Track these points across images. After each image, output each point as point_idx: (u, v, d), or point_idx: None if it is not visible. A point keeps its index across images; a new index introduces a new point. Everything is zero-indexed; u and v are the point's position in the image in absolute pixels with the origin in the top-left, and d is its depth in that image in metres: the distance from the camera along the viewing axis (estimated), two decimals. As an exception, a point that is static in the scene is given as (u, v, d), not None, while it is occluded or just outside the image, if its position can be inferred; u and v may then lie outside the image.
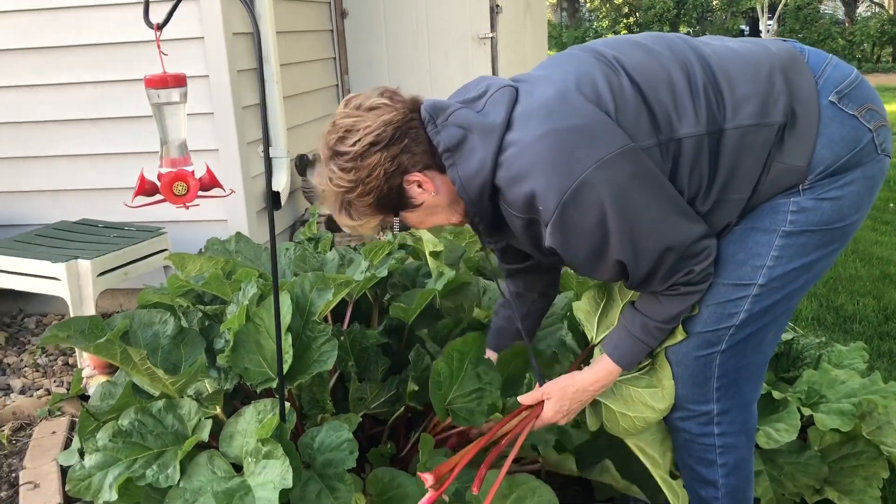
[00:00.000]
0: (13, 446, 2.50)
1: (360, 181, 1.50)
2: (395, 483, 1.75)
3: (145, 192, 1.59)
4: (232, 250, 2.50)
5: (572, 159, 1.41)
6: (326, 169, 1.53)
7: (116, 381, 2.10)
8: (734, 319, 1.59)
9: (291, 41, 4.03)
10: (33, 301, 3.61)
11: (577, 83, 1.49)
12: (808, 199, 1.53)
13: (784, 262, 1.56)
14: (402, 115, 1.50)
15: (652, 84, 1.49)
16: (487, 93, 1.53)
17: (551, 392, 1.69)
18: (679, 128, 1.47)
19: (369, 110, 1.50)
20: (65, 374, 3.05)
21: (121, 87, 3.37)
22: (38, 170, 3.55)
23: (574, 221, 1.43)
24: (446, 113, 1.51)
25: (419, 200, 1.55)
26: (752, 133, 1.48)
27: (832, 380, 2.20)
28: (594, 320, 1.80)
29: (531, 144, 1.43)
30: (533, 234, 1.53)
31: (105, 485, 1.69)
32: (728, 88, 1.49)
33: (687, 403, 1.69)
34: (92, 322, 1.91)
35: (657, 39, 1.59)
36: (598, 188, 1.40)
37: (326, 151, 1.53)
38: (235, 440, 1.74)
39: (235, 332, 1.86)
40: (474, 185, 1.49)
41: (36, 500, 2.14)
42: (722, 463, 1.74)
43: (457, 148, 1.49)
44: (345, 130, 1.50)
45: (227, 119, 3.32)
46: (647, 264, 1.48)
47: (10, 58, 3.42)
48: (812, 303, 3.82)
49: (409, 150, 1.50)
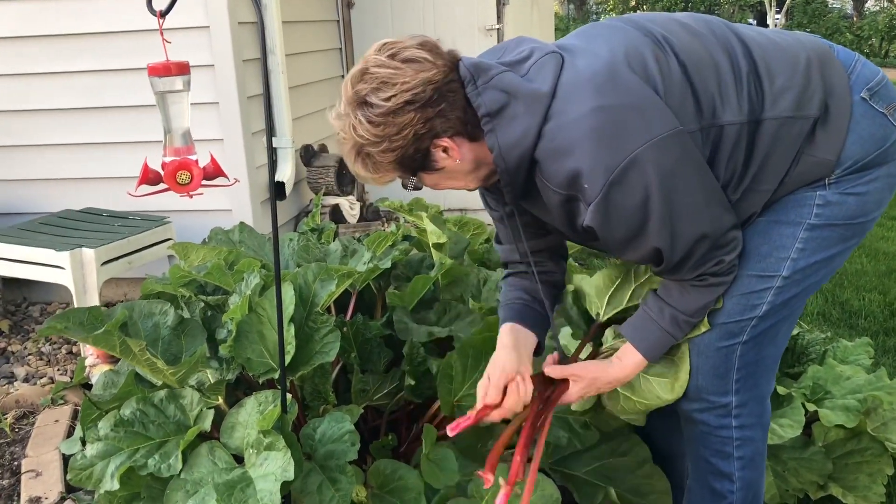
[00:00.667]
0: (16, 434, 2.50)
1: (387, 137, 1.40)
2: (396, 475, 1.75)
3: (149, 180, 1.58)
4: (236, 240, 2.49)
5: (621, 138, 1.36)
6: (350, 116, 1.42)
7: (119, 371, 2.10)
8: (757, 311, 1.59)
9: (297, 31, 4.02)
10: (37, 289, 3.61)
11: (627, 58, 1.44)
12: (834, 194, 1.53)
13: (807, 255, 1.56)
14: (442, 75, 1.41)
15: (698, 67, 1.46)
16: (532, 57, 1.46)
17: (581, 376, 1.65)
18: (722, 114, 1.45)
19: (408, 62, 1.40)
20: (68, 362, 3.05)
21: (124, 76, 3.36)
22: (42, 158, 3.54)
23: (618, 202, 1.38)
24: (489, 74, 1.42)
25: (441, 165, 1.48)
26: (788, 125, 1.48)
27: (837, 376, 2.19)
28: (604, 298, 1.79)
29: (579, 119, 1.37)
30: (569, 211, 1.47)
31: (107, 474, 1.69)
32: (768, 78, 1.48)
33: (706, 395, 1.68)
34: (91, 313, 1.90)
35: (700, 21, 1.56)
36: (645, 170, 1.36)
37: (353, 97, 1.42)
38: (237, 431, 1.73)
39: (238, 323, 1.85)
40: (514, 154, 1.43)
41: (38, 489, 2.14)
42: (739, 456, 1.73)
43: (497, 113, 1.42)
44: (380, 81, 1.39)
45: (232, 109, 3.31)
46: (681, 250, 1.46)
47: (12, 46, 3.41)
48: (817, 298, 3.80)
49: (444, 114, 1.41)
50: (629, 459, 2.00)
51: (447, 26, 4.88)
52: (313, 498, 1.64)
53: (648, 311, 1.64)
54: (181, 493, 1.63)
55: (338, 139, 1.49)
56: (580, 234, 1.53)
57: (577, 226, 1.48)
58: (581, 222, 1.45)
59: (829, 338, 2.50)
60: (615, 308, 1.77)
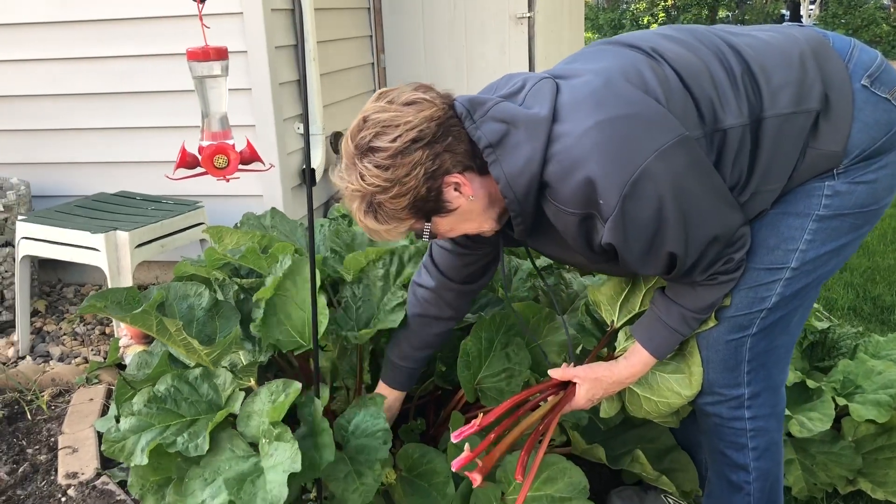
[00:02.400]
0: (52, 412, 2.56)
1: (398, 180, 1.38)
2: (425, 459, 1.77)
3: (186, 164, 1.61)
4: (267, 225, 2.52)
5: (629, 151, 1.35)
6: (356, 167, 1.40)
7: (153, 352, 2.13)
8: (766, 303, 1.59)
9: (329, 18, 4.03)
10: (72, 271, 3.68)
11: (623, 72, 1.44)
12: (842, 183, 1.52)
13: (817, 246, 1.56)
14: (442, 112, 1.41)
15: (693, 74, 1.46)
16: (525, 86, 1.46)
17: (585, 378, 1.67)
18: (724, 118, 1.45)
19: (407, 105, 1.40)
20: (102, 342, 3.11)
21: (159, 61, 3.40)
22: (78, 142, 3.60)
23: (634, 214, 1.37)
24: (485, 107, 1.43)
25: (454, 205, 1.46)
26: (790, 121, 1.47)
27: (869, 370, 2.18)
28: (616, 305, 1.80)
29: (584, 135, 1.36)
30: (587, 231, 1.45)
31: (137, 449, 1.71)
32: (763, 77, 1.47)
33: (718, 388, 1.69)
34: (129, 293, 1.94)
35: (683, 31, 1.56)
36: (656, 179, 1.35)
37: (355, 149, 1.41)
38: (252, 420, 1.74)
39: (266, 302, 1.87)
40: (521, 181, 1.41)
41: (74, 465, 2.19)
42: (753, 447, 1.73)
43: (499, 143, 1.41)
44: (382, 126, 1.39)
45: (264, 95, 3.33)
46: (694, 254, 1.46)
47: (49, 31, 3.46)
48: (848, 293, 3.76)
49: (451, 148, 1.41)
50: (657, 446, 2.01)
51: (478, 14, 4.87)
52: (339, 484, 1.66)
53: (655, 311, 1.65)
54: (199, 482, 1.65)
55: (345, 197, 1.46)
56: (598, 256, 1.52)
57: (596, 246, 1.47)
58: (599, 241, 1.43)
59: (861, 332, 2.48)
60: (629, 313, 1.78)
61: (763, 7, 19.51)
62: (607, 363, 1.71)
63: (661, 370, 1.71)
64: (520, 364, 1.89)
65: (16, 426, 2.49)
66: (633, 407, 1.79)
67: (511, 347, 1.91)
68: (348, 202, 1.47)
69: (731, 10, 19.65)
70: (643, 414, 1.78)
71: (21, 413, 2.56)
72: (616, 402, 1.80)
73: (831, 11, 17.86)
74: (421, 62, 4.90)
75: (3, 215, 3.17)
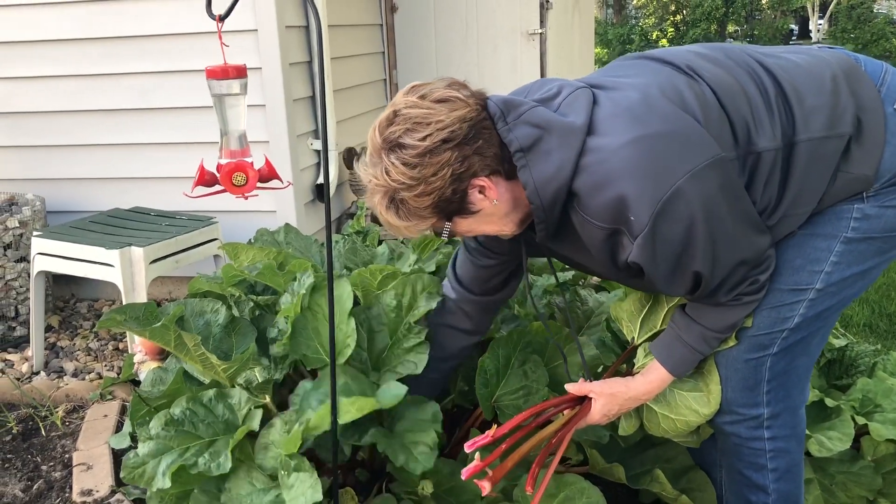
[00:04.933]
0: (66, 427, 2.56)
1: (424, 179, 1.36)
2: (454, 476, 1.76)
3: (205, 182, 1.61)
4: (281, 241, 2.52)
5: (664, 169, 1.34)
6: (383, 161, 1.38)
7: (167, 368, 2.13)
8: (788, 323, 1.58)
9: (342, 35, 4.06)
10: (86, 286, 3.69)
11: (661, 90, 1.42)
12: (872, 207, 1.51)
13: (842, 268, 1.54)
14: (475, 113, 1.39)
15: (730, 94, 1.44)
16: (561, 93, 1.44)
17: (601, 393, 1.66)
18: (758, 141, 1.44)
19: (439, 102, 1.38)
20: (115, 358, 3.11)
21: (175, 78, 3.42)
22: (94, 157, 3.62)
23: (664, 233, 1.35)
24: (519, 110, 1.41)
25: (478, 207, 1.44)
26: (823, 145, 1.46)
27: (888, 389, 2.15)
28: (637, 321, 1.79)
29: (620, 150, 1.35)
30: (612, 247, 1.43)
31: (158, 472, 1.71)
32: (796, 100, 1.46)
33: (737, 407, 1.67)
34: (147, 308, 1.94)
35: (717, 50, 1.55)
36: (689, 199, 1.34)
37: (382, 142, 1.39)
38: (269, 451, 1.73)
39: (293, 320, 1.87)
40: (550, 189, 1.39)
41: (89, 482, 2.18)
42: (773, 468, 1.72)
43: (531, 148, 1.39)
44: (413, 122, 1.36)
45: (278, 111, 3.35)
46: (720, 276, 1.45)
47: (69, 48, 3.48)
48: (864, 309, 3.73)
49: (481, 151, 1.38)
50: (674, 466, 2.00)
51: (489, 30, 4.89)
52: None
53: (675, 329, 1.63)
54: None
55: (368, 190, 1.44)
56: (620, 272, 1.50)
57: (620, 262, 1.45)
58: (625, 258, 1.41)
59: (878, 350, 2.46)
60: (650, 331, 1.77)
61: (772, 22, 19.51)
62: (624, 379, 1.70)
63: (680, 388, 1.70)
64: (537, 382, 1.88)
65: (30, 442, 2.49)
66: (650, 425, 1.78)
67: (528, 365, 1.90)
68: (370, 194, 1.44)
69: (739, 25, 19.67)
70: (661, 432, 1.77)
71: (35, 429, 2.56)
72: (634, 420, 1.79)
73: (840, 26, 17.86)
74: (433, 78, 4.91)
75: (19, 231, 3.18)
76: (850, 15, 17.87)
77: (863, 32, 17.19)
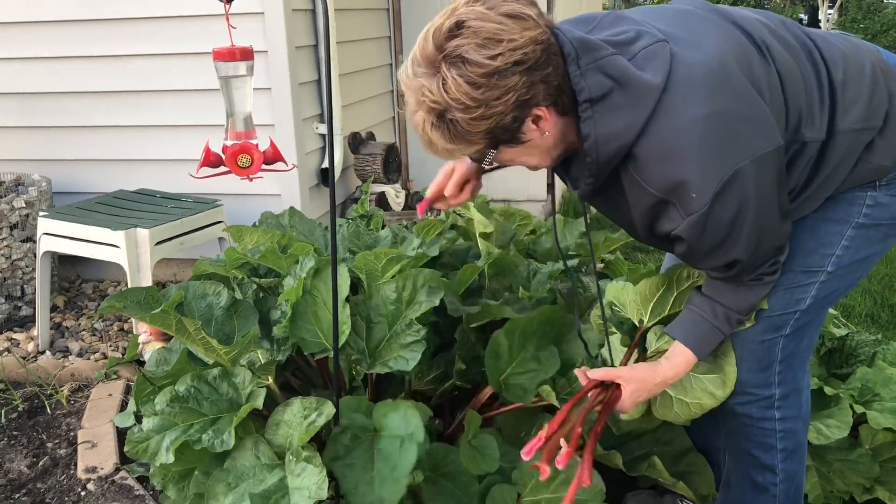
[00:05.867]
0: (71, 406, 2.59)
1: (486, 102, 1.25)
2: (449, 459, 1.77)
3: (210, 163, 1.63)
4: (286, 224, 2.53)
5: (730, 148, 1.31)
6: (440, 73, 1.26)
7: (172, 348, 2.15)
8: (801, 304, 1.61)
9: (348, 18, 4.05)
10: (91, 267, 3.71)
11: (738, 62, 1.36)
12: (884, 195, 1.55)
13: (852, 252, 1.58)
14: (547, 36, 1.27)
15: (792, 83, 1.43)
16: (640, 40, 1.34)
17: (630, 379, 1.61)
18: (805, 132, 1.44)
19: (510, 17, 1.25)
20: (120, 339, 3.14)
21: (181, 60, 3.42)
22: (99, 139, 3.63)
23: (717, 212, 1.33)
24: (596, 54, 1.30)
25: (527, 137, 1.34)
26: (858, 136, 1.48)
27: (887, 378, 2.16)
28: (649, 305, 1.79)
29: (693, 124, 1.29)
30: (656, 214, 1.38)
31: (162, 448, 1.73)
32: (841, 90, 1.47)
33: (749, 388, 1.69)
34: (148, 293, 1.96)
35: (780, 25, 1.51)
36: (746, 182, 1.31)
37: (440, 54, 1.26)
38: (281, 429, 1.74)
39: (293, 304, 1.89)
40: (610, 147, 1.32)
41: (93, 459, 2.21)
42: (781, 448, 1.74)
43: (600, 100, 1.30)
44: (484, 38, 1.23)
45: (284, 95, 3.35)
46: (758, 260, 1.48)
47: (74, 29, 3.49)
48: (866, 300, 3.74)
49: (547, 80, 1.28)
50: (673, 449, 2.01)
51: (496, 16, 4.86)
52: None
53: (698, 310, 1.62)
54: (222, 486, 1.66)
55: (411, 102, 1.32)
56: (652, 236, 1.47)
57: (657, 229, 1.41)
58: (670, 229, 1.38)
59: (879, 340, 2.46)
60: (659, 315, 1.78)
61: (782, 10, 19.37)
62: (649, 364, 1.66)
63: (695, 371, 1.69)
64: (548, 368, 1.90)
65: (36, 420, 2.52)
66: (662, 409, 1.75)
67: (543, 353, 1.92)
68: (414, 108, 1.32)
69: (749, 14, 19.50)
70: (672, 416, 1.75)
71: (41, 407, 2.59)
72: (641, 405, 1.79)
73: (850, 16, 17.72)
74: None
75: (25, 211, 3.20)
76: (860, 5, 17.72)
77: (873, 22, 17.06)
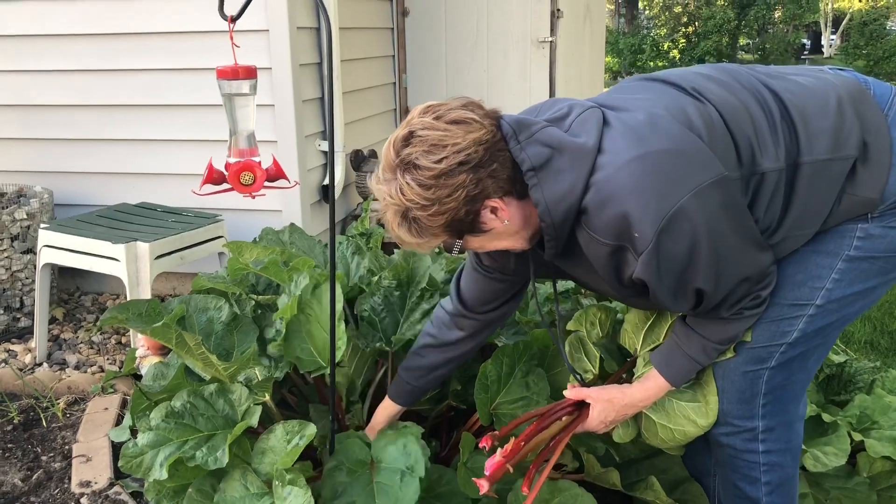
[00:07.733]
0: (67, 419, 2.58)
1: (438, 200, 1.38)
2: (444, 480, 1.77)
3: (213, 180, 1.63)
4: (286, 241, 2.54)
5: (667, 185, 1.36)
6: (397, 180, 1.40)
7: (169, 363, 2.15)
8: (787, 338, 1.59)
9: (352, 37, 4.07)
10: (90, 279, 3.72)
11: (667, 108, 1.44)
12: (876, 227, 1.52)
13: (843, 286, 1.56)
14: (490, 135, 1.40)
15: (734, 116, 1.46)
16: (572, 113, 1.46)
17: (598, 399, 1.68)
18: (762, 161, 1.45)
19: (455, 123, 1.39)
20: (117, 352, 3.13)
21: (185, 75, 3.44)
22: (102, 152, 3.64)
23: (667, 249, 1.37)
24: (531, 130, 1.43)
25: (489, 226, 1.46)
26: (827, 167, 1.47)
27: (886, 406, 2.16)
28: (641, 333, 1.80)
29: (624, 167, 1.37)
30: (617, 264, 1.46)
31: (156, 463, 1.72)
32: (802, 122, 1.48)
33: (732, 419, 1.68)
34: (150, 305, 1.96)
35: (722, 71, 1.57)
36: (692, 216, 1.36)
37: (398, 162, 1.39)
38: (266, 457, 1.74)
39: (287, 322, 1.88)
40: (561, 207, 1.41)
41: (88, 473, 2.20)
42: (766, 481, 1.73)
43: (542, 167, 1.41)
44: (430, 144, 1.37)
45: (287, 112, 3.37)
46: (723, 293, 1.47)
47: (80, 43, 3.51)
48: (865, 326, 3.73)
49: (495, 174, 1.40)
50: (669, 476, 2.00)
51: (500, 37, 4.90)
52: None
53: (675, 338, 1.65)
54: None
55: (381, 205, 1.46)
56: (626, 290, 1.52)
57: (625, 279, 1.47)
58: (630, 274, 1.44)
59: (878, 367, 2.46)
60: (652, 343, 1.78)
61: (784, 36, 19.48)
62: (621, 385, 1.71)
63: (678, 398, 1.71)
64: (538, 394, 1.89)
65: (31, 433, 2.51)
66: (648, 434, 1.78)
67: (531, 377, 1.92)
68: (383, 210, 1.46)
69: (751, 38, 19.64)
70: (658, 442, 1.77)
71: (36, 420, 2.58)
72: (632, 429, 1.79)
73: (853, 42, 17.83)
74: (442, 83, 4.93)
75: (26, 223, 3.21)
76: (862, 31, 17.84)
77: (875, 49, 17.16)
